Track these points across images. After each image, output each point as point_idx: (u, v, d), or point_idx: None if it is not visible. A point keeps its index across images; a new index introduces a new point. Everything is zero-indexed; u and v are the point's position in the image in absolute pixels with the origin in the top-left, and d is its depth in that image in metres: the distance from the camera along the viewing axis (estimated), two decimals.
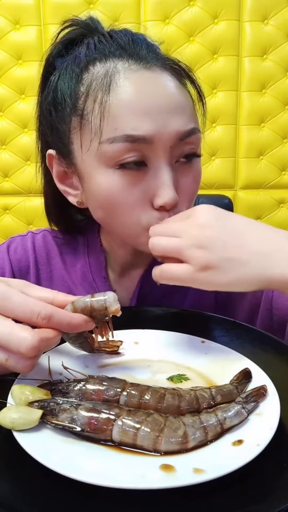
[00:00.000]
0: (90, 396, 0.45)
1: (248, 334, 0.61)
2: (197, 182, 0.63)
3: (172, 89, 0.58)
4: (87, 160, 0.59)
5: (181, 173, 0.60)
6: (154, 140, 0.55)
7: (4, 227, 1.86)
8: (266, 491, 0.35)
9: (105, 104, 0.56)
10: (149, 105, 0.55)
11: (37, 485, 0.36)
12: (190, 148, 0.59)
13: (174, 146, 0.57)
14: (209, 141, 1.83)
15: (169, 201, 0.56)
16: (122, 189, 0.57)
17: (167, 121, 0.56)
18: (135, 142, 0.55)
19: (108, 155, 0.56)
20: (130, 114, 0.55)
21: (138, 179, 0.57)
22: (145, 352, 0.56)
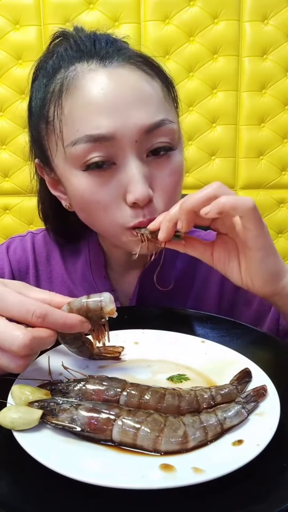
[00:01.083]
0: (90, 396, 0.45)
1: (248, 334, 0.61)
2: (175, 175, 0.59)
3: (134, 82, 0.56)
4: (60, 165, 0.60)
5: (155, 168, 0.58)
6: (116, 137, 0.54)
7: (4, 227, 1.86)
8: (266, 491, 0.35)
9: (64, 108, 0.56)
10: (107, 102, 0.54)
11: (37, 485, 0.36)
12: (161, 140, 0.57)
13: (141, 140, 0.56)
14: (209, 141, 1.83)
15: (140, 196, 0.55)
16: (94, 189, 0.57)
17: (128, 115, 0.54)
18: (97, 142, 0.54)
19: (74, 158, 0.56)
20: (89, 114, 0.55)
21: (109, 178, 0.56)
22: (145, 352, 0.56)
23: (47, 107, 0.59)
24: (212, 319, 0.64)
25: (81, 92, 0.56)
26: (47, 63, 0.62)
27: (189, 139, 1.81)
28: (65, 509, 0.34)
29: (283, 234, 1.92)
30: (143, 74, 0.58)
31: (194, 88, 1.78)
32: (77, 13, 1.71)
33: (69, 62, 0.59)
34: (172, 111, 0.60)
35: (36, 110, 0.62)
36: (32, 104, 0.63)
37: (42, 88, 0.61)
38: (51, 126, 0.58)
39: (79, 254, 0.75)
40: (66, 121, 0.56)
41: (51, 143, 0.60)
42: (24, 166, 1.81)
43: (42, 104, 0.60)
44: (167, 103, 0.60)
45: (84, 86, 0.56)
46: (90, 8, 1.72)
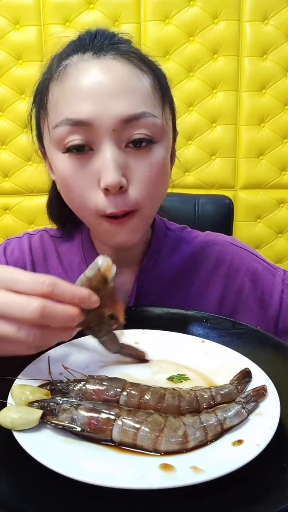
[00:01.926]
0: (90, 396, 0.45)
1: (248, 334, 0.61)
2: (153, 169, 0.60)
3: (122, 74, 0.58)
4: (48, 148, 0.63)
5: (133, 159, 0.59)
6: (93, 123, 0.56)
7: (4, 227, 1.86)
8: (266, 491, 0.35)
9: (54, 93, 0.60)
10: (90, 89, 0.57)
11: (37, 485, 0.36)
12: (140, 132, 0.58)
13: (118, 130, 0.57)
14: (209, 141, 1.83)
15: (110, 183, 0.56)
16: (71, 172, 0.59)
17: (108, 104, 0.56)
18: (75, 126, 0.57)
19: (56, 140, 0.59)
20: (72, 99, 0.57)
21: (85, 162, 0.58)
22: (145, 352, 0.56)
23: (44, 93, 0.63)
24: (212, 319, 0.64)
25: (70, 78, 0.59)
26: (53, 56, 0.65)
27: (189, 139, 1.81)
28: (65, 509, 0.34)
29: (283, 234, 1.92)
30: (134, 68, 0.60)
31: (194, 88, 1.78)
32: (77, 13, 1.71)
33: (68, 53, 0.62)
34: (158, 108, 0.61)
35: (37, 96, 0.65)
36: (34, 91, 0.67)
37: (43, 76, 0.64)
38: (43, 110, 0.62)
39: (75, 251, 0.76)
40: (54, 105, 0.60)
41: (44, 126, 0.63)
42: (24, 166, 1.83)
43: (41, 90, 0.64)
44: (155, 99, 0.60)
45: (73, 74, 0.59)
46: (90, 8, 1.71)
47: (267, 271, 0.75)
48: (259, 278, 0.74)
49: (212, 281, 0.74)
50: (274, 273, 0.75)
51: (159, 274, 0.73)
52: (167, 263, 0.74)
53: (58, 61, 0.62)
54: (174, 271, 0.74)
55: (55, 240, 0.78)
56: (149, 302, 0.71)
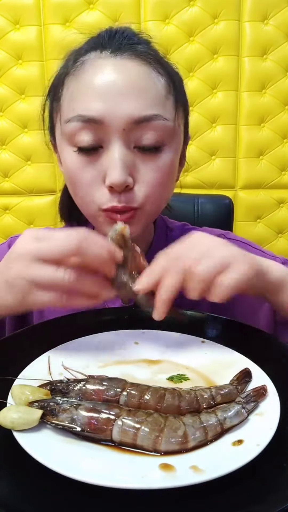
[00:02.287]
0: (90, 396, 0.45)
1: (248, 334, 0.61)
2: (160, 172, 0.61)
3: (136, 75, 0.59)
4: (59, 141, 0.64)
5: (141, 160, 0.60)
6: (104, 121, 0.57)
7: (4, 227, 1.86)
8: (266, 491, 0.35)
9: (69, 87, 0.61)
10: (104, 87, 0.57)
11: (37, 485, 0.36)
12: (150, 134, 0.58)
13: (129, 130, 0.57)
14: (209, 141, 1.83)
15: (115, 181, 0.57)
16: (79, 167, 0.60)
17: (121, 103, 0.57)
18: (87, 122, 0.57)
19: (67, 134, 0.60)
20: (85, 96, 0.58)
21: (94, 159, 0.59)
22: (145, 352, 0.56)
23: (59, 87, 0.63)
24: (212, 319, 0.64)
25: (85, 75, 0.59)
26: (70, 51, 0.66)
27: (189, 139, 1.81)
28: (65, 509, 0.34)
29: (283, 234, 1.92)
30: (149, 69, 0.60)
31: (194, 88, 1.78)
32: (77, 13, 1.71)
33: (86, 50, 0.63)
34: (171, 111, 0.61)
35: (51, 90, 0.66)
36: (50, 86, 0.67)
37: (60, 70, 0.65)
38: (57, 103, 0.63)
39: None
40: (68, 99, 0.61)
41: (57, 118, 0.64)
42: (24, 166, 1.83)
43: (57, 83, 0.64)
44: (168, 101, 0.61)
45: (89, 70, 0.59)
46: (90, 8, 1.71)
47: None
48: None
49: None
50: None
51: None
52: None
53: (75, 56, 0.63)
54: None
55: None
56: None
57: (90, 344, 0.56)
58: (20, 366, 0.49)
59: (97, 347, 0.56)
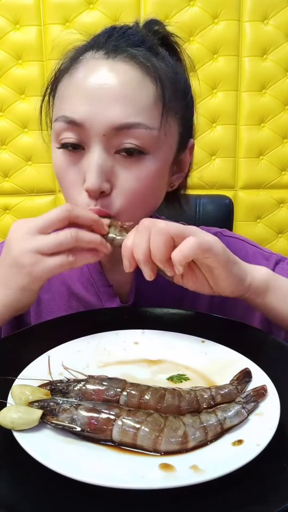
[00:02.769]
0: (90, 396, 0.45)
1: (248, 334, 0.61)
2: (140, 181, 0.60)
3: (125, 80, 0.58)
4: (51, 137, 0.65)
5: (122, 166, 0.59)
6: (85, 125, 0.58)
7: (4, 227, 1.86)
8: (266, 491, 0.35)
9: (61, 86, 0.62)
10: (90, 91, 0.58)
11: (37, 485, 0.36)
12: (129, 142, 0.58)
13: (109, 135, 0.58)
14: (209, 141, 1.83)
15: (91, 187, 0.58)
16: (63, 167, 0.62)
17: (103, 109, 0.57)
18: (70, 124, 0.59)
19: (54, 133, 0.62)
20: (73, 97, 0.59)
21: (76, 159, 0.60)
22: (145, 352, 0.56)
23: (55, 83, 0.65)
24: (212, 319, 0.64)
25: (77, 75, 0.60)
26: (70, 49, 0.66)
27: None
28: (65, 509, 0.34)
29: (283, 234, 1.92)
30: (141, 74, 0.59)
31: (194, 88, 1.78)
32: (77, 13, 1.71)
33: (84, 49, 0.63)
34: (157, 119, 0.59)
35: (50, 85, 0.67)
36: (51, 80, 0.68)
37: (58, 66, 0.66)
38: (53, 99, 0.65)
39: None
40: (59, 97, 0.62)
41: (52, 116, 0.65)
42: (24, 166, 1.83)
43: (54, 80, 0.65)
44: (155, 110, 0.59)
45: (81, 71, 0.60)
46: (90, 8, 1.71)
47: (258, 255, 0.75)
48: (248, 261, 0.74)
49: None
50: (267, 257, 0.75)
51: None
52: None
53: (74, 54, 0.64)
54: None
55: None
56: (147, 298, 0.71)
57: (90, 344, 0.56)
58: (20, 366, 0.49)
59: (97, 347, 0.56)
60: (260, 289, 0.60)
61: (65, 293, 0.74)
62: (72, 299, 0.73)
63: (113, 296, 0.71)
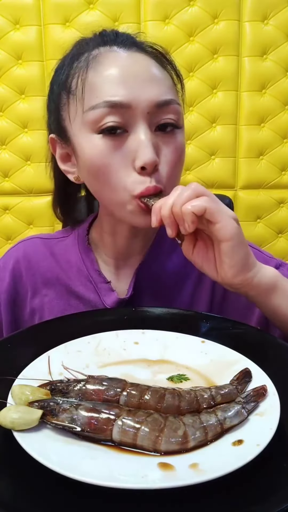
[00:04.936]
0: (90, 396, 0.45)
1: (248, 333, 0.61)
2: (178, 152, 0.65)
3: (148, 65, 0.64)
4: (76, 131, 0.65)
5: (161, 141, 0.63)
6: (131, 105, 0.60)
7: (4, 227, 1.86)
8: (266, 491, 0.35)
9: (87, 77, 0.63)
10: (125, 75, 0.61)
11: (37, 485, 0.36)
12: (169, 117, 0.63)
13: (152, 113, 0.61)
14: (209, 141, 1.83)
15: (148, 160, 0.59)
16: (105, 153, 0.61)
17: (144, 89, 0.61)
18: (113, 107, 0.60)
19: (91, 121, 0.62)
20: (108, 83, 0.61)
21: (120, 143, 0.61)
22: (145, 352, 0.56)
23: (71, 80, 0.65)
24: (212, 319, 0.64)
25: (102, 66, 0.63)
26: (71, 50, 0.68)
27: (189, 138, 1.81)
28: (65, 509, 0.34)
29: (283, 234, 1.92)
30: (156, 63, 0.65)
31: (194, 88, 1.78)
32: (77, 13, 1.71)
33: (93, 46, 0.66)
34: (179, 99, 0.66)
35: (59, 84, 0.67)
36: (54, 80, 0.69)
37: (66, 67, 0.67)
38: (72, 95, 0.65)
39: (71, 250, 0.77)
40: (88, 89, 0.63)
41: (70, 110, 0.65)
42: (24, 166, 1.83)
43: (65, 78, 0.66)
44: (175, 91, 0.66)
45: (105, 62, 0.63)
46: (90, 8, 1.71)
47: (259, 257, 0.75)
48: None
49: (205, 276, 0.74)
50: (267, 261, 0.75)
51: (158, 269, 0.74)
52: (166, 259, 0.75)
53: (82, 51, 0.66)
54: (172, 267, 0.75)
55: (47, 242, 0.79)
56: (146, 295, 0.72)
57: (90, 344, 0.56)
58: (20, 366, 0.49)
59: (97, 347, 0.56)
60: (266, 287, 0.60)
61: (65, 292, 0.75)
62: (71, 298, 0.74)
63: (110, 290, 0.72)
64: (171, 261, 0.75)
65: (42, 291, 0.75)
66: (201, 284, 0.75)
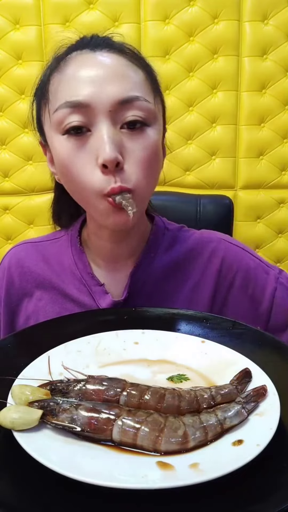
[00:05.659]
0: (90, 396, 0.45)
1: (248, 334, 0.61)
2: (147, 150, 0.63)
3: (115, 64, 0.63)
4: (48, 133, 0.66)
5: (129, 139, 0.62)
6: (91, 104, 0.60)
7: (4, 227, 1.86)
8: (266, 491, 0.35)
9: (54, 82, 0.64)
10: (87, 76, 0.62)
11: (37, 485, 0.36)
12: (134, 114, 0.62)
13: (115, 111, 0.60)
14: (209, 141, 1.82)
15: (107, 157, 0.58)
16: (70, 153, 0.62)
17: (104, 87, 0.60)
18: (74, 107, 0.60)
19: (56, 123, 0.62)
20: (71, 84, 0.62)
21: (84, 142, 0.61)
22: (145, 352, 0.56)
23: (45, 85, 0.67)
24: (212, 319, 0.64)
25: (68, 68, 0.64)
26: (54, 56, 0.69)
27: (189, 138, 1.81)
28: (65, 509, 0.34)
29: (283, 234, 1.92)
30: (127, 62, 0.64)
31: (194, 88, 1.78)
32: (77, 13, 1.71)
33: (67, 52, 0.66)
34: (151, 96, 0.64)
35: (36, 89, 0.69)
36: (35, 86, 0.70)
37: (44, 72, 0.68)
38: (44, 100, 0.66)
39: (63, 253, 0.77)
40: (54, 92, 0.64)
41: (45, 115, 0.66)
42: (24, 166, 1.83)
43: (42, 83, 0.68)
44: (148, 88, 0.65)
45: (72, 65, 0.64)
46: (90, 8, 1.71)
47: (260, 269, 0.75)
48: (251, 275, 0.74)
49: (204, 278, 0.74)
50: (267, 271, 0.75)
51: (153, 271, 0.73)
52: (161, 261, 0.74)
53: (58, 57, 0.67)
54: (168, 268, 0.74)
55: (39, 245, 0.79)
56: (141, 298, 0.72)
57: (90, 344, 0.56)
58: (20, 366, 0.49)
59: (97, 347, 0.56)
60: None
61: (59, 296, 0.74)
62: (66, 301, 0.74)
63: (104, 293, 0.72)
64: (166, 262, 0.75)
65: (37, 295, 0.75)
66: (200, 288, 0.74)
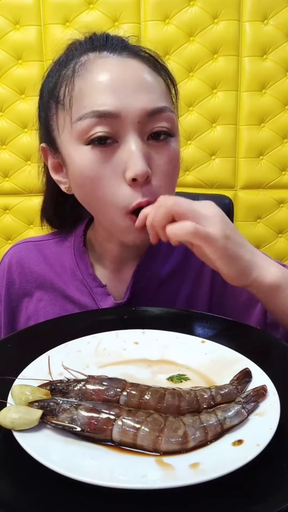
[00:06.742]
0: (90, 396, 0.45)
1: (248, 334, 0.61)
2: (172, 161, 0.62)
3: (140, 71, 0.61)
4: (65, 142, 0.63)
5: (154, 151, 0.61)
6: (120, 115, 0.58)
7: (4, 227, 1.86)
8: (266, 491, 0.35)
9: (75, 86, 0.61)
10: (114, 83, 0.59)
11: (37, 485, 0.36)
12: (161, 126, 0.60)
13: (143, 122, 0.59)
14: (209, 141, 1.83)
15: (139, 172, 0.57)
16: (95, 164, 0.59)
17: (134, 97, 0.58)
18: (102, 117, 0.58)
19: (79, 132, 0.59)
20: (97, 92, 0.59)
21: (109, 154, 0.59)
22: (145, 352, 0.56)
23: (58, 88, 0.63)
24: (212, 319, 0.64)
25: (91, 74, 0.60)
26: (60, 56, 0.66)
27: (189, 139, 1.81)
28: (65, 509, 0.34)
29: (283, 234, 1.92)
30: (149, 68, 0.62)
31: (194, 88, 1.78)
32: (77, 13, 1.71)
33: (82, 52, 0.63)
34: (173, 106, 0.64)
35: (47, 92, 0.66)
36: (44, 88, 0.67)
37: (54, 74, 0.65)
38: (61, 105, 0.62)
39: (65, 254, 0.76)
40: (76, 99, 0.60)
41: (59, 121, 0.63)
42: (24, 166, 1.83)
43: (54, 86, 0.64)
44: (169, 96, 0.64)
45: (94, 69, 0.60)
46: (90, 8, 1.72)
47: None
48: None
49: (202, 276, 0.75)
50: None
51: (156, 271, 0.73)
52: (164, 261, 0.74)
53: (71, 58, 0.63)
54: (170, 268, 0.74)
55: (40, 245, 0.78)
56: (143, 297, 0.71)
57: (90, 344, 0.56)
58: (20, 366, 0.49)
59: (97, 347, 0.56)
60: (268, 288, 0.58)
61: (60, 297, 0.74)
62: (66, 303, 0.73)
63: (106, 295, 0.71)
64: (168, 262, 0.75)
65: (37, 296, 0.75)
66: (199, 284, 0.75)
